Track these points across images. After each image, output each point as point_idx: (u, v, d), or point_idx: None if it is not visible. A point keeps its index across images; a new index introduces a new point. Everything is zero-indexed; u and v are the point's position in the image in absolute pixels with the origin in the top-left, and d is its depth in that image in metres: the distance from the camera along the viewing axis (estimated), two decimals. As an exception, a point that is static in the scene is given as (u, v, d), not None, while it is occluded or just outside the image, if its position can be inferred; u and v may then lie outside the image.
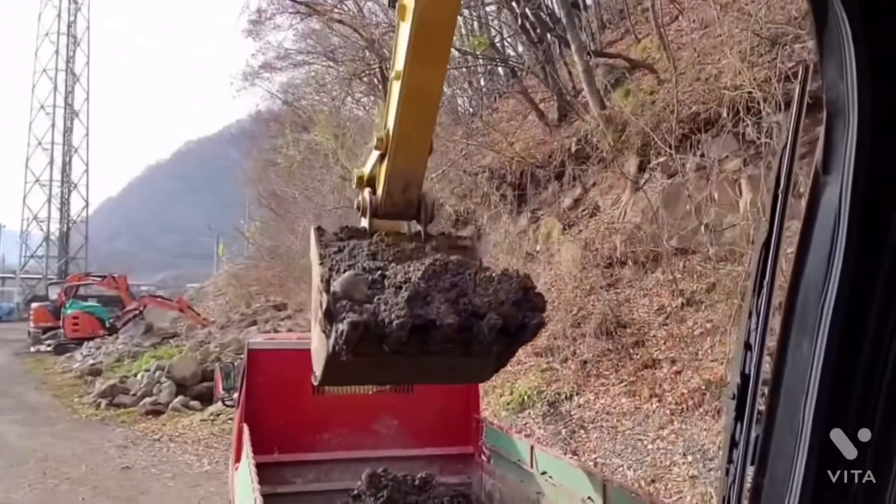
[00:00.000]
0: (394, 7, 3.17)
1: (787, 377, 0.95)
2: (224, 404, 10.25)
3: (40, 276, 53.99)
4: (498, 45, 20.96)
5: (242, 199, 39.25)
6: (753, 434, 1.00)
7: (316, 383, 3.43)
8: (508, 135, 17.43)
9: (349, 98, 24.88)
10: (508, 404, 10.69)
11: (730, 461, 1.05)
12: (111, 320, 27.48)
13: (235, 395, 7.51)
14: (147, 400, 16.26)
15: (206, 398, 16.04)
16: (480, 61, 20.22)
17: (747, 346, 1.05)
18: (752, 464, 0.99)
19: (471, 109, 22.93)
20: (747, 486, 1.00)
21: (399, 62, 3.06)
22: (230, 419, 12.10)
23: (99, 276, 31.38)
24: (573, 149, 14.08)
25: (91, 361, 22.16)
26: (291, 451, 6.50)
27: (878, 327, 0.88)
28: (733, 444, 1.04)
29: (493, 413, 10.51)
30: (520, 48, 20.80)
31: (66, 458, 12.01)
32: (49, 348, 27.69)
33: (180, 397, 16.17)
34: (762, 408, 1.00)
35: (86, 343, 25.65)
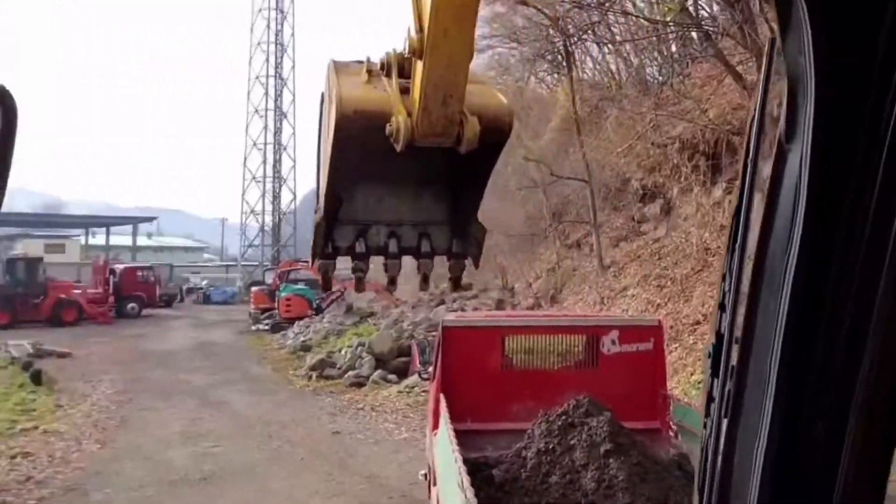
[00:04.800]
0: None
1: (756, 335, 1.03)
2: (421, 377, 10.83)
3: (257, 263, 60.27)
4: (691, 7, 19.70)
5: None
6: (727, 388, 1.07)
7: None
8: (701, 102, 16.34)
9: (532, 78, 24.79)
10: (699, 383, 10.17)
11: (707, 415, 1.13)
12: (317, 302, 29.89)
13: (430, 369, 7.92)
14: (351, 373, 17.52)
15: (402, 372, 16.98)
16: (672, 27, 19.13)
17: (721, 307, 1.13)
18: (726, 416, 1.06)
19: (660, 78, 21.80)
20: (723, 437, 1.08)
21: None
22: (424, 392, 12.74)
23: (306, 261, 34.33)
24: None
25: (302, 338, 24.26)
26: (483, 421, 6.77)
27: (835, 288, 0.96)
28: (710, 399, 1.12)
29: (682, 392, 10.11)
30: (715, 8, 19.36)
31: (285, 423, 13.36)
32: (266, 327, 30.64)
33: (379, 371, 17.23)
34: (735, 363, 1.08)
35: (297, 322, 28.14)
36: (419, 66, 2.67)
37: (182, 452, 11.36)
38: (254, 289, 37.73)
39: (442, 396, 6.47)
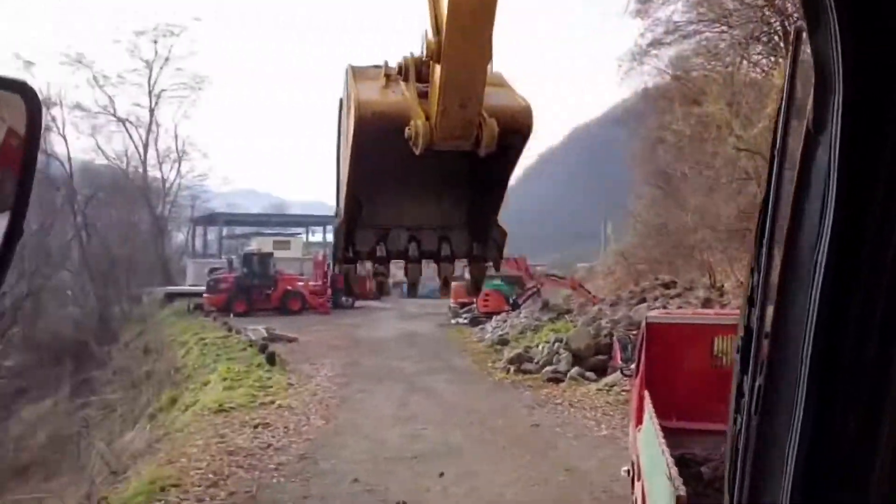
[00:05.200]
0: None
1: (786, 330, 1.01)
2: (622, 374, 10.74)
3: (457, 259, 62.45)
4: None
5: (629, 178, 39.67)
6: (757, 384, 1.04)
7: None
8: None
9: (745, 62, 23.15)
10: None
11: (737, 411, 1.12)
12: (514, 297, 30.44)
13: (632, 366, 7.85)
14: (548, 368, 17.66)
15: (600, 370, 16.78)
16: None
17: (750, 301, 1.11)
18: (756, 413, 1.04)
19: None
20: (753, 433, 1.05)
21: None
22: (624, 390, 12.54)
23: (504, 258, 35.04)
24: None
25: (499, 333, 24.82)
26: (689, 420, 6.61)
27: (867, 280, 0.94)
28: (740, 394, 1.10)
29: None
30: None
31: (486, 412, 13.88)
32: (465, 321, 31.74)
33: (577, 367, 17.17)
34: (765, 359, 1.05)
35: (494, 317, 28.89)
36: (437, 69, 2.68)
37: (394, 432, 12.32)
38: (454, 283, 39.16)
39: (646, 393, 6.43)
